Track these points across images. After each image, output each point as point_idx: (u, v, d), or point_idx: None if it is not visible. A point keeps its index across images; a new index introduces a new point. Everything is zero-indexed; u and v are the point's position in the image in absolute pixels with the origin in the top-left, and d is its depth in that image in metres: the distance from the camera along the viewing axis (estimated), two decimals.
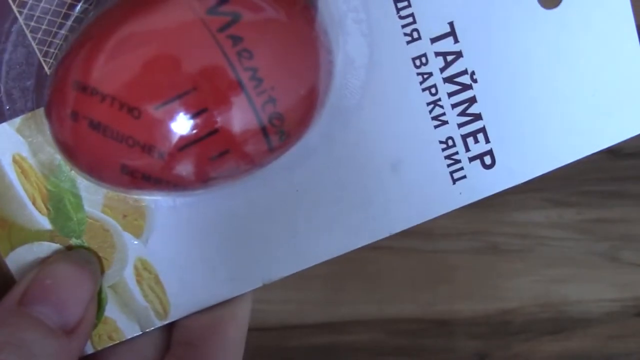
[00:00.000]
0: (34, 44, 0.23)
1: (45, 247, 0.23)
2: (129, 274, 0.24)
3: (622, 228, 0.40)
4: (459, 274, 0.41)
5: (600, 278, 0.39)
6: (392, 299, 0.40)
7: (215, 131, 0.20)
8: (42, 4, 0.23)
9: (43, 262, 0.23)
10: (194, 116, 0.20)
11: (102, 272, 0.24)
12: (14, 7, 0.23)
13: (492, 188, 0.25)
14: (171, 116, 0.19)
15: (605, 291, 0.38)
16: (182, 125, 0.20)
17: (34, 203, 0.23)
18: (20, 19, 0.23)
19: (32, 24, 0.23)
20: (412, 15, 0.24)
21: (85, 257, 0.23)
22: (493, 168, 0.25)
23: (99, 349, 0.24)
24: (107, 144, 0.20)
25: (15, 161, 0.23)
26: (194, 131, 0.20)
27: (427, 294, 0.41)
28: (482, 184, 0.25)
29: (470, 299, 0.40)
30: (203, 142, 0.20)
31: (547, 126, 0.25)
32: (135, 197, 0.24)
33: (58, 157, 0.23)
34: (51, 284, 0.22)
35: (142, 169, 0.20)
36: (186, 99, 0.19)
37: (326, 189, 0.24)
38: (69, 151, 0.21)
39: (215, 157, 0.20)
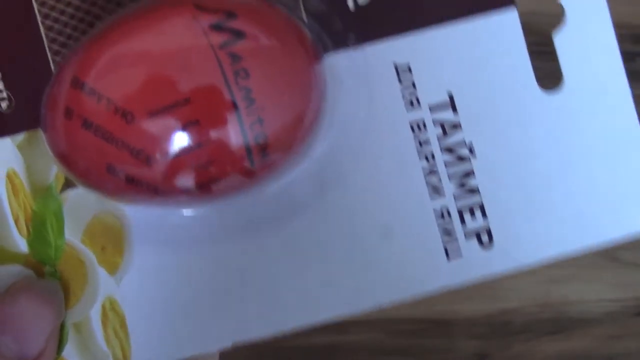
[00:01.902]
0: (52, 64, 0.22)
1: (17, 271, 0.22)
2: (95, 313, 0.22)
3: None
4: None
5: (600, 278, 0.37)
6: None
7: (202, 144, 0.19)
8: (62, 18, 0.22)
9: (7, 289, 0.21)
10: (185, 127, 0.19)
11: (69, 306, 0.22)
12: (39, 18, 0.22)
13: (489, 269, 0.23)
14: (162, 124, 0.19)
15: (605, 291, 0.36)
16: (171, 134, 0.19)
17: (16, 222, 0.22)
18: (42, 33, 0.22)
19: (51, 34, 0.22)
20: (412, 82, 0.23)
21: (51, 288, 0.22)
22: (490, 247, 0.23)
23: None
24: (97, 143, 0.19)
25: (8, 176, 0.22)
26: (182, 141, 0.19)
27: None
28: (478, 263, 0.23)
29: (470, 299, 0.38)
30: (189, 152, 0.19)
31: (548, 210, 0.23)
32: (118, 224, 0.22)
33: (50, 178, 0.22)
34: (11, 312, 0.20)
35: (126, 170, 0.20)
36: (179, 110, 0.19)
37: (311, 250, 0.23)
38: (59, 146, 0.20)
39: (198, 167, 0.20)
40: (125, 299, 0.22)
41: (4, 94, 0.22)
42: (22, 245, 0.22)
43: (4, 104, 0.22)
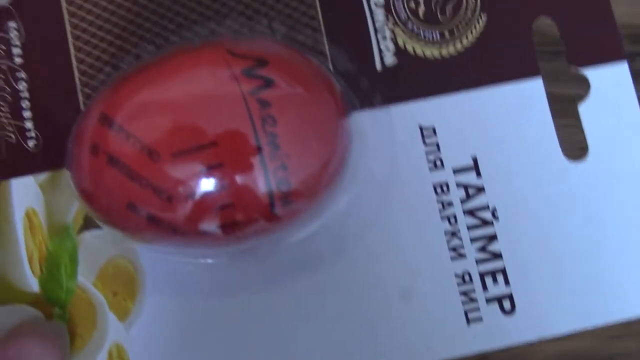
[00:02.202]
0: (82, 107, 0.23)
1: (26, 312, 0.22)
2: None
3: None
4: None
5: None
6: None
7: (224, 186, 0.19)
8: (97, 64, 0.23)
9: (11, 330, 0.21)
10: (209, 169, 0.19)
11: (76, 350, 0.21)
12: (74, 62, 0.23)
13: (510, 337, 0.22)
14: (187, 165, 0.19)
15: None
16: (195, 175, 0.19)
17: (30, 261, 0.22)
18: (76, 77, 0.23)
19: (85, 78, 0.23)
20: (436, 144, 0.22)
21: (56, 331, 0.21)
22: (512, 315, 0.22)
23: None
24: (120, 180, 0.19)
25: (27, 215, 0.22)
26: (205, 183, 0.19)
27: None
28: (499, 330, 0.22)
29: None
30: (211, 194, 0.19)
31: (573, 280, 0.22)
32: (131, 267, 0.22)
33: (69, 218, 0.22)
34: (14, 355, 0.19)
35: (147, 208, 0.19)
36: (205, 152, 0.19)
37: (327, 307, 0.22)
38: (82, 181, 0.20)
39: (219, 209, 0.19)
40: (133, 347, 0.21)
41: (33, 133, 0.23)
42: (33, 284, 0.22)
43: (32, 143, 0.22)
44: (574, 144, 0.23)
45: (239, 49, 0.20)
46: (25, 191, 0.22)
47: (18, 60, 0.23)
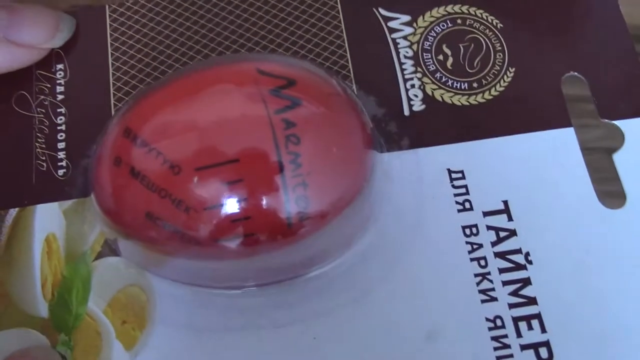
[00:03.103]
0: None
1: (32, 337, 0.20)
2: None
3: None
4: None
5: None
6: None
7: (243, 199, 0.18)
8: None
9: (9, 356, 0.19)
10: (229, 184, 0.18)
11: None
12: (112, 102, 0.23)
13: None
14: (207, 180, 0.19)
15: None
16: (215, 189, 0.18)
17: (43, 286, 0.21)
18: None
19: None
20: (465, 186, 0.22)
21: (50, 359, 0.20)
22: None
23: None
24: (141, 191, 0.19)
25: (47, 239, 0.22)
26: (224, 196, 0.18)
27: None
28: None
29: None
30: (229, 208, 0.18)
31: (614, 328, 0.20)
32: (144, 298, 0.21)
33: (87, 246, 0.22)
34: None
35: (165, 218, 0.19)
36: (227, 167, 0.18)
37: (349, 348, 0.20)
38: (104, 193, 0.20)
39: (235, 221, 0.18)
40: None
41: (64, 163, 0.23)
42: (43, 309, 0.21)
43: (61, 172, 0.23)
44: (611, 192, 0.22)
45: (268, 67, 0.20)
46: (48, 217, 0.22)
47: (60, 96, 0.24)
